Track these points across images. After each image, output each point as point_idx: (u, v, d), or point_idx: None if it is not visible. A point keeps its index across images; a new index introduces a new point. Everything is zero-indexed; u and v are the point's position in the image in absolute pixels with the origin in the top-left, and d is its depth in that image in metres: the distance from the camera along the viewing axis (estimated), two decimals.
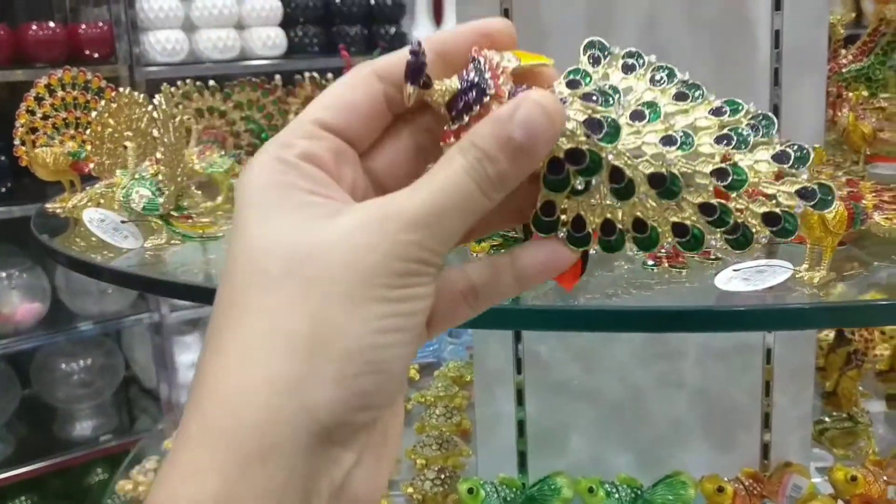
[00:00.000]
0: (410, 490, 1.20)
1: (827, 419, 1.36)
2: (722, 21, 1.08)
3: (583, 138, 0.33)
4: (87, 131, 1.04)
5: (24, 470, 2.41)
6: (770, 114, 0.34)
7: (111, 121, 1.03)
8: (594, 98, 0.34)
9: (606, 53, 0.36)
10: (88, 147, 1.04)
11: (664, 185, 0.34)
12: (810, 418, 1.25)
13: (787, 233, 0.33)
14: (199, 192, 0.99)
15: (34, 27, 2.39)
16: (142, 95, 1.06)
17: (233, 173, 1.02)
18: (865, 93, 1.25)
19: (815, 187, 0.33)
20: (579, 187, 0.34)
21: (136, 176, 0.87)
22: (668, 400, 1.18)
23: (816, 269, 0.65)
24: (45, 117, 1.12)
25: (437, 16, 3.03)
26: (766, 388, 1.16)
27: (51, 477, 2.49)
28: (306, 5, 2.78)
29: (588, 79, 0.35)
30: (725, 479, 1.09)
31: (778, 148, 0.33)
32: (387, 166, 0.36)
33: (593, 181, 0.34)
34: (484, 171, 0.32)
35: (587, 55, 0.36)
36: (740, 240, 0.34)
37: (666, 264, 0.70)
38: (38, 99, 1.12)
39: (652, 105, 0.35)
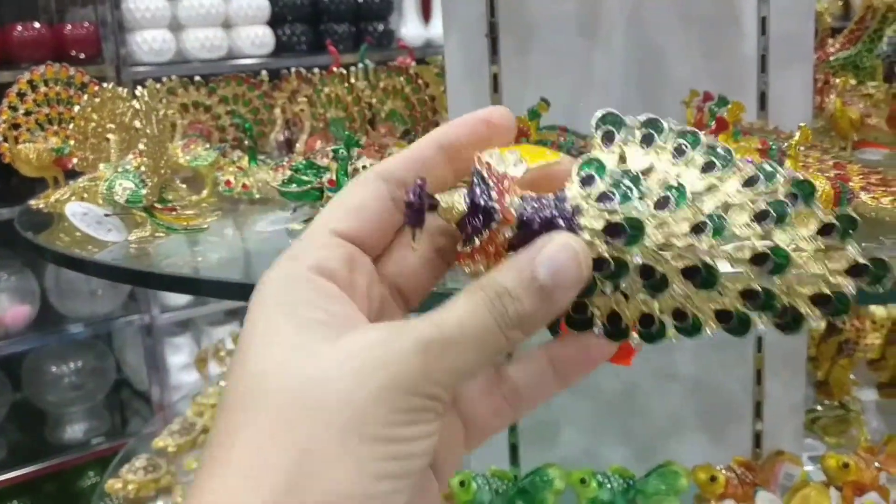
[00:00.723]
0: None
1: (819, 408, 1.36)
2: (709, 9, 1.08)
3: (604, 245, 0.32)
4: (71, 126, 1.03)
5: (16, 474, 2.39)
6: (809, 179, 0.32)
7: (94, 115, 1.02)
8: (611, 197, 0.32)
9: (621, 126, 0.34)
10: (72, 142, 1.03)
11: (699, 277, 0.32)
12: (802, 407, 1.24)
13: (840, 312, 0.31)
14: (184, 186, 0.98)
15: (19, 28, 2.38)
16: (125, 90, 1.05)
17: (217, 166, 1.02)
18: (853, 81, 1.25)
19: (868, 263, 0.31)
20: (608, 290, 0.32)
21: (119, 169, 0.86)
22: (659, 390, 1.17)
23: None
24: (27, 113, 1.10)
25: (426, 13, 3.02)
26: (758, 376, 1.16)
27: (43, 480, 2.47)
28: (294, 4, 2.77)
29: (602, 170, 0.33)
30: (718, 468, 1.08)
31: (822, 218, 0.31)
32: (404, 271, 0.35)
33: (623, 282, 0.32)
34: (504, 308, 0.31)
35: (600, 132, 0.34)
36: (790, 324, 0.32)
37: None
38: (21, 95, 1.11)
39: (677, 189, 0.32)
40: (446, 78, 1.15)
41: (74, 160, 1.04)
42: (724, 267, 0.31)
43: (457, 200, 0.33)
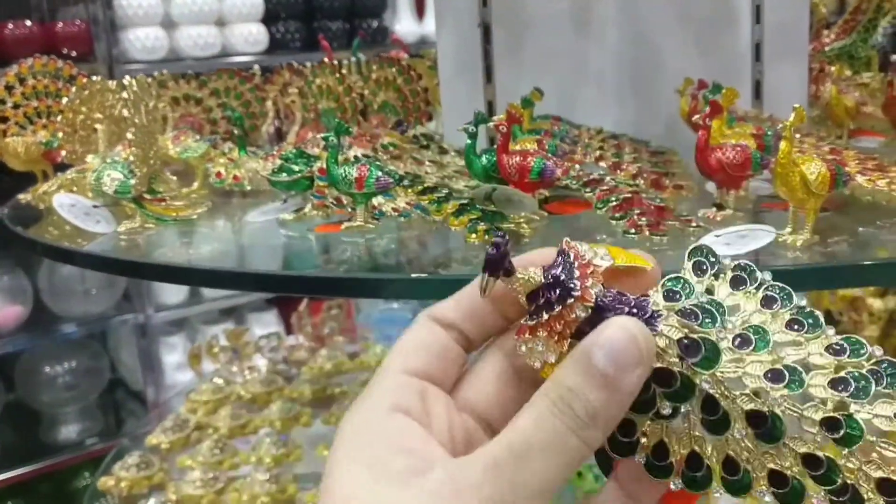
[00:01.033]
0: None
1: None
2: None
3: (675, 359, 0.31)
4: (59, 119, 1.02)
5: (10, 474, 2.38)
6: None
7: (83, 108, 1.01)
8: (694, 315, 0.31)
9: (714, 263, 0.33)
10: (60, 135, 1.02)
11: (764, 426, 0.30)
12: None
13: None
14: (174, 178, 0.98)
15: (11, 26, 2.37)
16: (114, 82, 1.04)
17: (208, 158, 1.01)
18: (849, 72, 1.25)
19: None
20: (665, 412, 0.31)
21: (108, 160, 0.85)
22: None
23: (799, 232, 0.63)
24: (15, 106, 1.09)
25: (419, 9, 3.01)
26: None
27: (38, 481, 2.46)
28: (287, 1, 2.76)
29: (690, 291, 0.32)
30: None
31: None
32: (484, 400, 0.35)
33: (682, 408, 0.31)
34: (570, 408, 0.30)
35: (692, 262, 0.33)
36: None
37: (647, 232, 0.69)
38: (9, 88, 1.10)
39: (761, 332, 0.31)
40: (439, 69, 1.14)
41: (63, 153, 1.03)
42: (792, 426, 0.30)
43: (533, 272, 0.32)
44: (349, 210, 0.80)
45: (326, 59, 1.15)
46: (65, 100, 1.03)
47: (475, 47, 1.07)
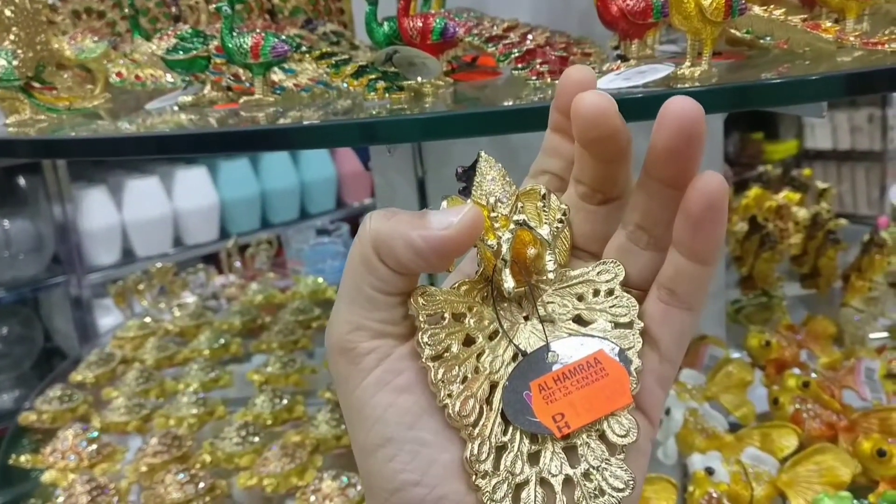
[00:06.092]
0: (329, 394, 1.17)
1: (743, 299, 1.37)
2: None
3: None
4: None
5: None
6: None
7: None
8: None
9: None
10: None
11: None
12: (723, 293, 1.25)
13: None
14: (71, 80, 0.93)
15: None
16: None
17: (108, 58, 0.96)
18: None
19: None
20: None
21: None
22: None
23: (697, 64, 0.63)
24: None
25: None
26: None
27: None
28: None
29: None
30: None
31: None
32: None
33: None
34: None
35: None
36: None
37: (549, 79, 0.67)
38: None
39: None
40: None
41: None
42: None
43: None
44: (247, 86, 0.77)
45: None
46: None
47: None
